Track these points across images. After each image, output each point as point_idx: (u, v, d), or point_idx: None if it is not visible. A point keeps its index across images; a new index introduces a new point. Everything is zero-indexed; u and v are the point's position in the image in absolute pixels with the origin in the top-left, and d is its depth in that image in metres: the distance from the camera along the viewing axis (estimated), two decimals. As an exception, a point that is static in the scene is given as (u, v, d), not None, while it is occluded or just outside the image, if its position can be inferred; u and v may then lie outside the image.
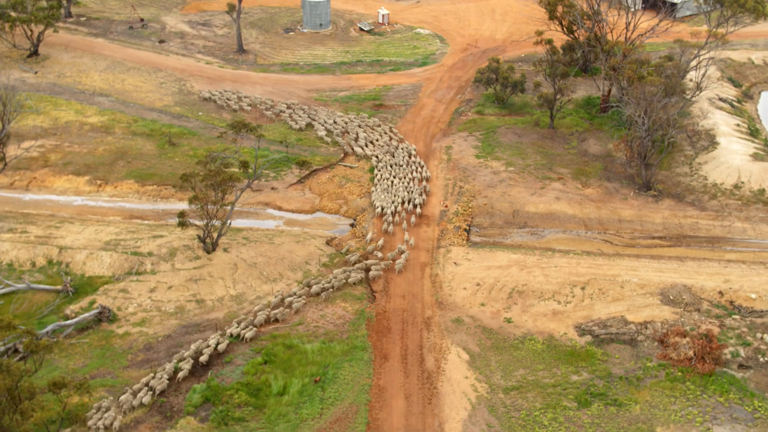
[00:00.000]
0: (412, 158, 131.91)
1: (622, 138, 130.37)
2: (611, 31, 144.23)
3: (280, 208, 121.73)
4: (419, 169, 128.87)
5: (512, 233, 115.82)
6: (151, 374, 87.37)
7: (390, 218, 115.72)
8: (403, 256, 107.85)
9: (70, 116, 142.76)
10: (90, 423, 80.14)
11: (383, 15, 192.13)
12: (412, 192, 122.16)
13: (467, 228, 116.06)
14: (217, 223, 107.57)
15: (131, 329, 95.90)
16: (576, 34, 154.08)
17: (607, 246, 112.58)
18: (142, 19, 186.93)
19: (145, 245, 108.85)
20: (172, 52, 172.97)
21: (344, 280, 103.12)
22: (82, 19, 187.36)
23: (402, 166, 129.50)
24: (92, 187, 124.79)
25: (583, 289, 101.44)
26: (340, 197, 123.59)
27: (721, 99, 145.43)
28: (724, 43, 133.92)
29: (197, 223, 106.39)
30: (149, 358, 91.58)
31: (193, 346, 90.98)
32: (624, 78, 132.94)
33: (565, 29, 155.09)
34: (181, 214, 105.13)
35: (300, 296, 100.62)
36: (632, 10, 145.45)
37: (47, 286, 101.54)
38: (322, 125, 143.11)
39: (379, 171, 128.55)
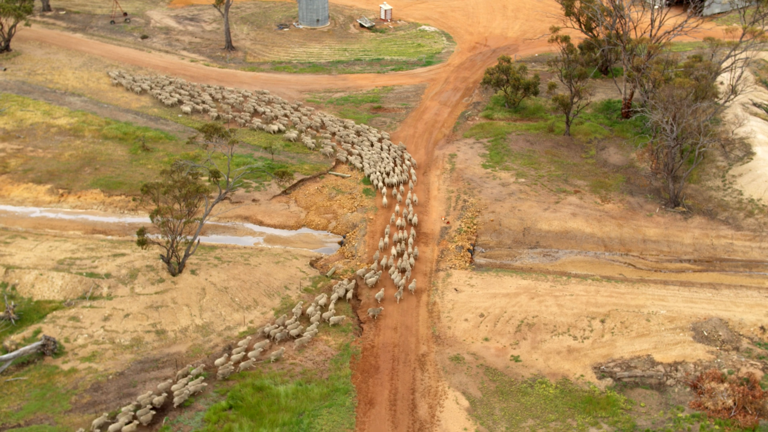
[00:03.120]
0: (355, 126, 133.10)
1: (646, 147, 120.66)
2: (634, 29, 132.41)
3: (260, 223, 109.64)
4: (378, 132, 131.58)
5: (522, 254, 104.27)
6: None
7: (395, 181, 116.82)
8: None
9: (36, 117, 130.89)
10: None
11: (386, 11, 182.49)
12: (393, 151, 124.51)
13: (471, 248, 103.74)
14: (187, 239, 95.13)
15: (78, 365, 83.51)
16: (595, 32, 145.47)
17: (630, 270, 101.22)
18: (125, 13, 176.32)
19: (103, 265, 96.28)
20: (155, 49, 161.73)
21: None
22: (61, 12, 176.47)
23: (351, 134, 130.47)
24: (53, 197, 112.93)
25: (602, 322, 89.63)
26: (329, 211, 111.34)
27: (755, 104, 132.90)
28: (763, 42, 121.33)
29: (161, 240, 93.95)
30: (96, 401, 79.51)
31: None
32: (649, 80, 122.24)
33: (583, 26, 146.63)
34: (141, 231, 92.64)
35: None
36: (656, 6, 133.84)
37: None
38: (199, 104, 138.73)
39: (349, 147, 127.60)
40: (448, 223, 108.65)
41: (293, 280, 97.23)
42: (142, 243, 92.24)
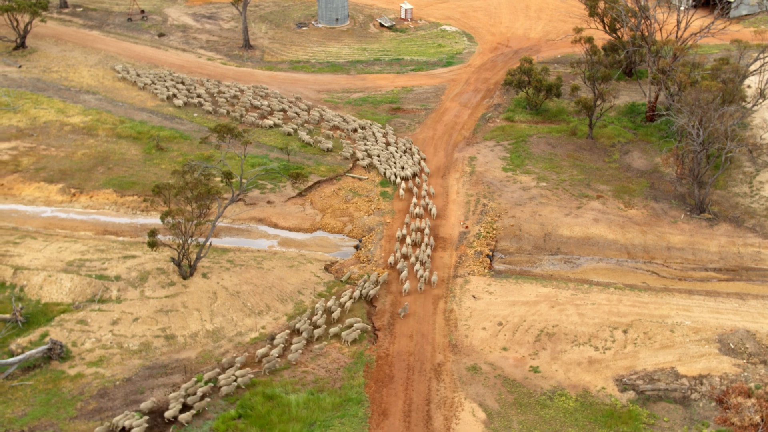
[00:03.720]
0: (357, 120, 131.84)
1: (671, 151, 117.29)
2: (660, 30, 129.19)
3: (275, 226, 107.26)
4: (382, 127, 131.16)
5: (542, 261, 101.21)
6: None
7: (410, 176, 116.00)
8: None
9: (50, 115, 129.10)
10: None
11: (406, 10, 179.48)
12: (401, 144, 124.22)
13: (490, 254, 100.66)
14: (198, 241, 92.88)
15: (85, 370, 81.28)
16: (619, 33, 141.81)
17: (654, 279, 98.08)
18: (142, 11, 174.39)
19: (113, 267, 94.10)
20: (172, 47, 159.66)
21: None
22: (78, 9, 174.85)
23: (354, 130, 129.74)
24: (65, 197, 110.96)
25: (625, 332, 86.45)
26: (345, 214, 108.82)
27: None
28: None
29: (172, 242, 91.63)
30: (102, 407, 77.15)
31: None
32: (674, 83, 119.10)
33: (607, 27, 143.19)
34: (152, 233, 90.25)
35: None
36: (682, 8, 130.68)
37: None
38: (193, 98, 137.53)
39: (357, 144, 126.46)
40: (466, 227, 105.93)
41: (307, 284, 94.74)
42: (153, 245, 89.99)
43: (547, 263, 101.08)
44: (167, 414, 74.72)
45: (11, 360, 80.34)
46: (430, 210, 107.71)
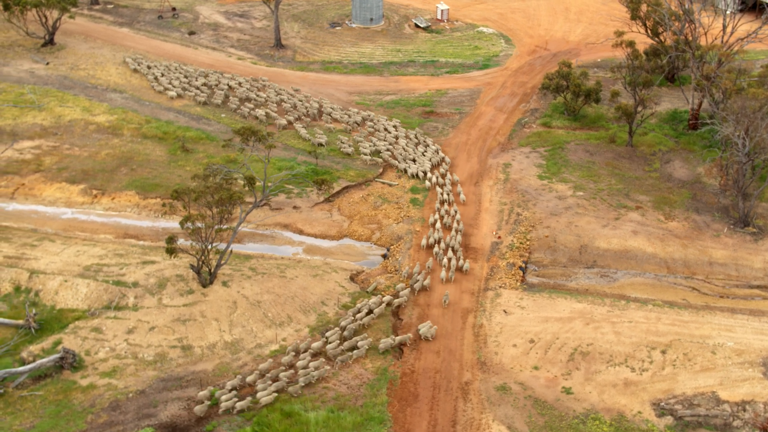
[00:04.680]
0: (360, 113, 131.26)
1: (715, 161, 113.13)
2: (704, 35, 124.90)
3: (300, 232, 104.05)
4: (388, 119, 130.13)
5: (578, 274, 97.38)
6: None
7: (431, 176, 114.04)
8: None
9: (75, 114, 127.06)
10: None
11: (443, 11, 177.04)
12: (413, 136, 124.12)
13: (523, 266, 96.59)
14: (219, 248, 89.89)
15: (98, 381, 78.38)
16: (662, 37, 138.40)
17: (695, 295, 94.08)
18: (173, 8, 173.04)
19: (131, 273, 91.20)
20: (202, 45, 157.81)
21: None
22: (110, 6, 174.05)
23: (357, 123, 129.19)
24: (86, 198, 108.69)
25: (663, 353, 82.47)
26: (373, 221, 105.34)
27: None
28: None
29: (191, 248, 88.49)
30: (113, 421, 74.18)
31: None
32: (719, 89, 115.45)
33: (649, 31, 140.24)
34: (170, 239, 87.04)
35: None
36: (728, 12, 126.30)
37: (6, 320, 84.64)
38: (191, 90, 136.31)
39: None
40: (499, 237, 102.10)
41: (331, 295, 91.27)
42: (171, 252, 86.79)
43: (582, 277, 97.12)
44: (259, 396, 74.83)
45: (22, 369, 77.80)
46: (459, 194, 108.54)
